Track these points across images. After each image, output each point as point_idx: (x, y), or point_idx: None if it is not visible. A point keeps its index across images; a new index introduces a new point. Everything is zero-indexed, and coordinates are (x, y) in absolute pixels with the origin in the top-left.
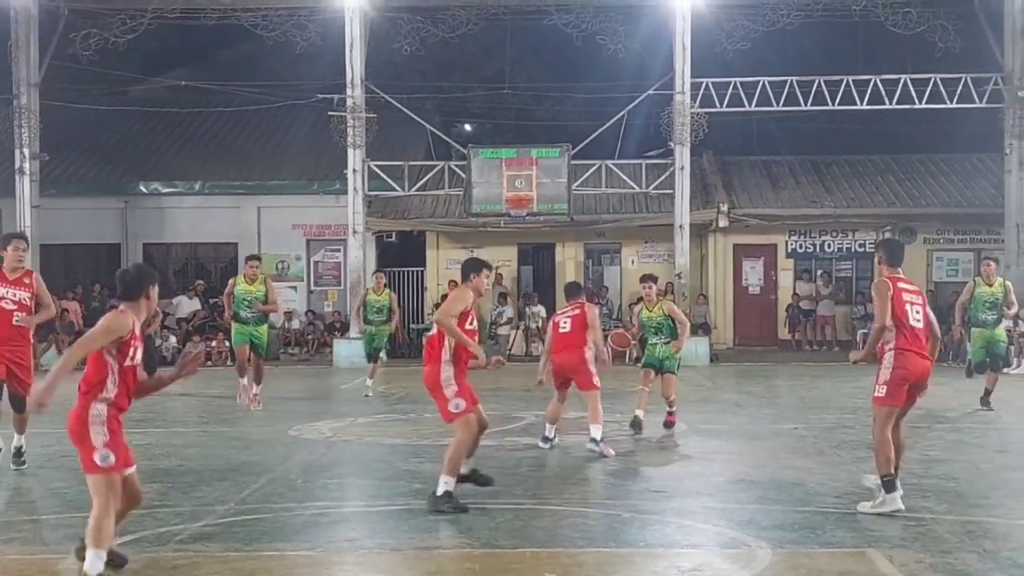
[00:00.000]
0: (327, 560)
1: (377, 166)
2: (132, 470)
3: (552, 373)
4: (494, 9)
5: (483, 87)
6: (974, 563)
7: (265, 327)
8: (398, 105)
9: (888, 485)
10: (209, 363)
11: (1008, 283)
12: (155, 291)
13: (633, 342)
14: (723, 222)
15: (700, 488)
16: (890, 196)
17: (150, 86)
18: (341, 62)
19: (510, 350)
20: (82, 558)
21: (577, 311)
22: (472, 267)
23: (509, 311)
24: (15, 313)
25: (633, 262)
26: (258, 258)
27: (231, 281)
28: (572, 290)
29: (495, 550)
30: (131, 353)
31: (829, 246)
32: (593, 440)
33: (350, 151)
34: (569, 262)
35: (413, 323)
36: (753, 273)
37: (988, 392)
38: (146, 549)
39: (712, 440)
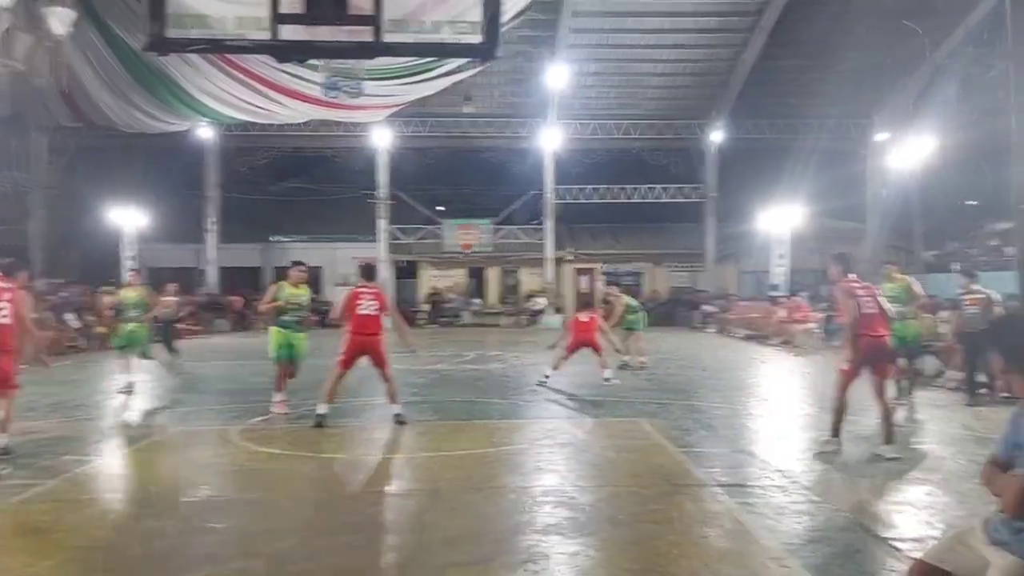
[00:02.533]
0: (369, 428)
1: (395, 227)
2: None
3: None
4: (455, 148)
5: (449, 187)
6: (690, 425)
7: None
8: (405, 197)
9: (833, 431)
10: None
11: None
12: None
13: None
14: (570, 257)
15: (555, 389)
16: (650, 244)
17: (278, 186)
18: (376, 173)
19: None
20: None
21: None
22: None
23: (462, 301)
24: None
25: (524, 277)
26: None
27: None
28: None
29: (450, 421)
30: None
31: (621, 269)
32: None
33: (381, 220)
34: (493, 278)
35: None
36: (584, 283)
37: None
38: (274, 423)
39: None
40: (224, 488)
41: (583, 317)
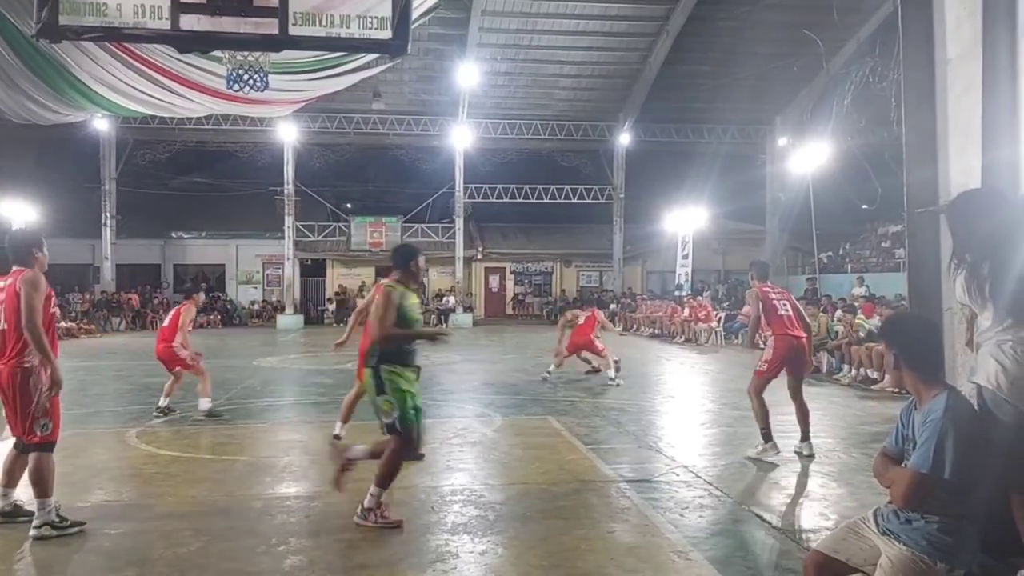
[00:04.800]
0: (274, 429)
1: (301, 224)
2: None
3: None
4: (363, 145)
5: (358, 184)
6: (599, 422)
7: None
8: (312, 193)
9: (765, 436)
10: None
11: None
12: None
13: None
14: (480, 256)
15: (465, 388)
16: (560, 244)
17: (179, 181)
18: (282, 169)
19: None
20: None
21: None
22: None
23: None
24: None
25: (435, 276)
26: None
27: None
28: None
29: (357, 422)
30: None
31: (531, 269)
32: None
33: (287, 217)
34: None
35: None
36: (495, 282)
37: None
38: (174, 425)
39: (472, 364)
40: (120, 492)
41: (580, 319)
